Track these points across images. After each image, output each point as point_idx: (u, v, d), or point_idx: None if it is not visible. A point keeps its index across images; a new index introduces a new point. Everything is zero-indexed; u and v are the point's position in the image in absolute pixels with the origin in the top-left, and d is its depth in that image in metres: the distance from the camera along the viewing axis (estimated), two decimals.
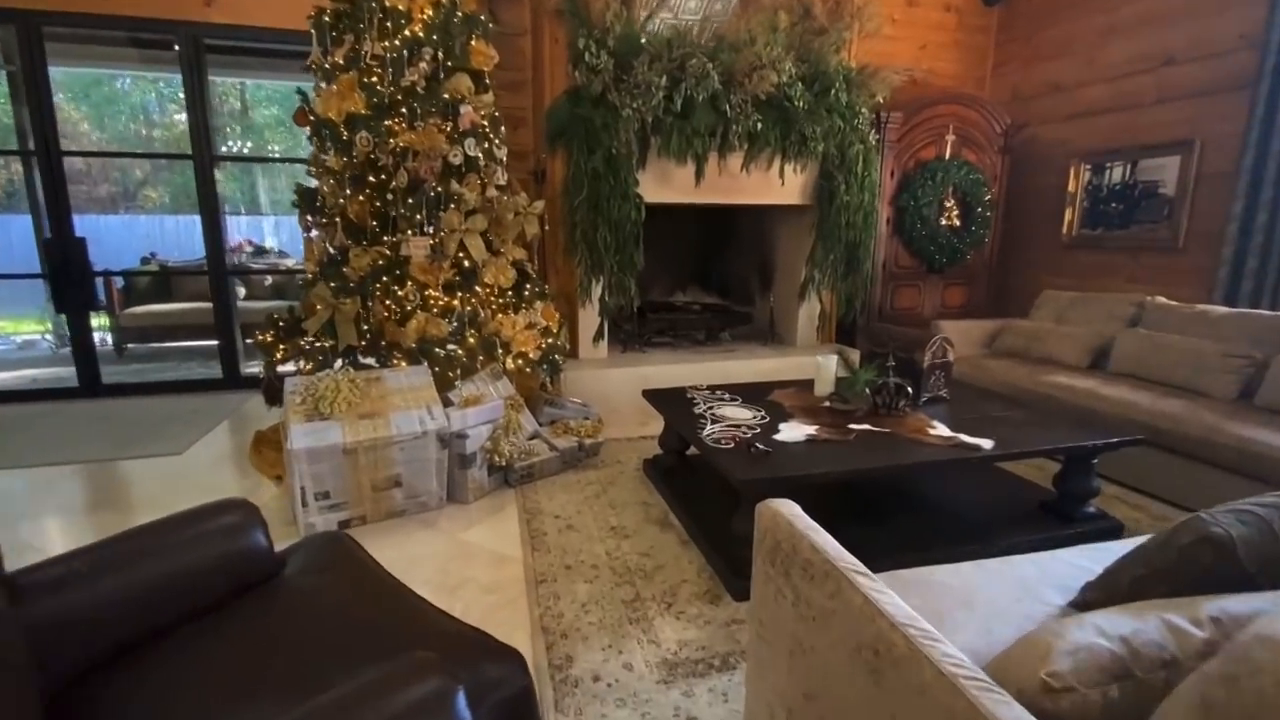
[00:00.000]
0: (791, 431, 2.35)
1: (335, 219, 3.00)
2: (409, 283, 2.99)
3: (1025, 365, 3.60)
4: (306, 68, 3.04)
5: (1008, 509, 2.57)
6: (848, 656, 0.93)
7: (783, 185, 4.04)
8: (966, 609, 1.23)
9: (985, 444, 2.23)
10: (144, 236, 7.25)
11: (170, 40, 3.95)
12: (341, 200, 2.95)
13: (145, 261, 6.39)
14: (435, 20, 2.97)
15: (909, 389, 2.58)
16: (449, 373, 2.95)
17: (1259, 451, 2.41)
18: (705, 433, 2.33)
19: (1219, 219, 3.57)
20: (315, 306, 2.93)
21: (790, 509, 1.20)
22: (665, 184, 3.80)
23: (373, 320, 2.99)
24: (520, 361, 3.25)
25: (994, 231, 4.82)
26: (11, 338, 6.46)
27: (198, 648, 1.14)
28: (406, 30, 2.92)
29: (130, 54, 5.17)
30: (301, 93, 3.05)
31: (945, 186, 4.54)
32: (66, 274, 4.13)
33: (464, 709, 0.87)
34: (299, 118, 3.03)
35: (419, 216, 2.99)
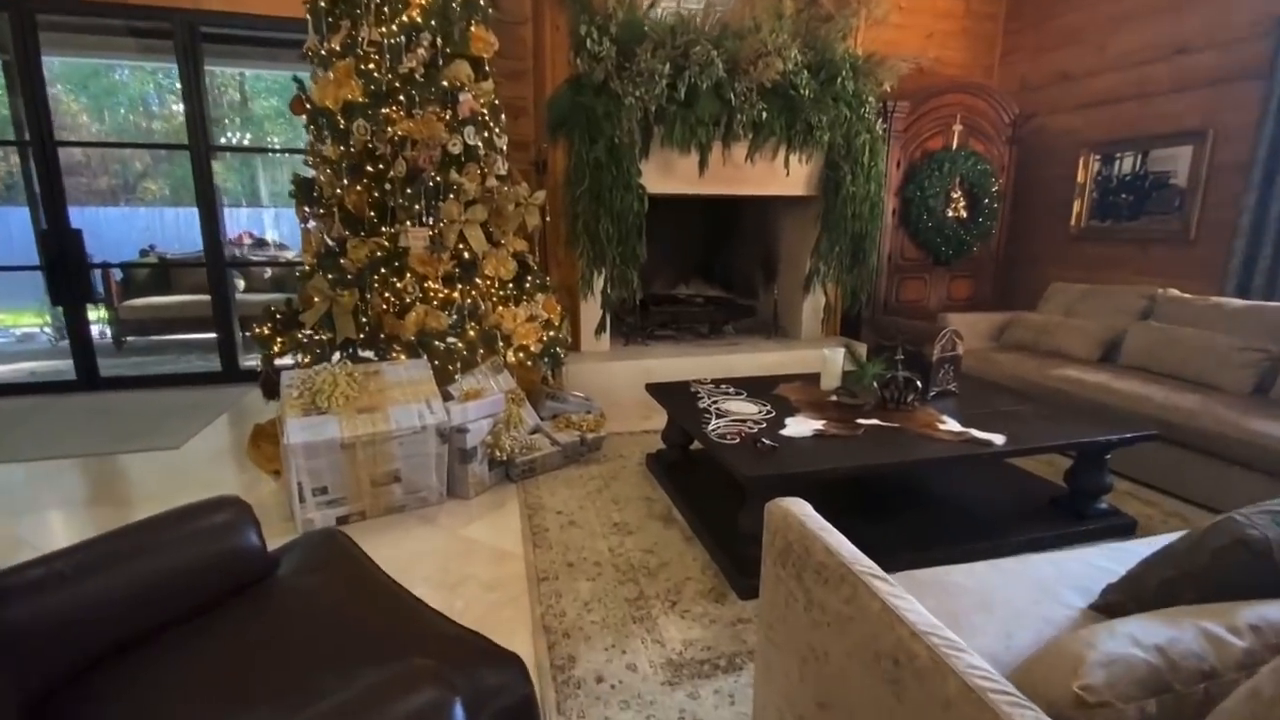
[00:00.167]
0: (798, 426, 2.30)
1: (333, 209, 2.95)
2: (408, 274, 2.94)
3: (1035, 358, 3.55)
4: (303, 54, 2.99)
5: (1018, 505, 2.53)
6: (865, 666, 0.89)
7: (788, 175, 3.99)
8: (984, 612, 1.19)
9: (997, 439, 2.19)
10: (144, 229, 7.19)
11: (166, 28, 3.89)
12: (339, 190, 2.90)
13: (144, 254, 6.35)
14: (434, 5, 2.90)
15: (918, 383, 2.53)
16: (449, 366, 2.90)
17: (1275, 447, 2.36)
18: (710, 427, 2.28)
19: (1231, 210, 3.51)
20: (312, 299, 2.88)
21: (802, 508, 1.16)
22: (668, 174, 3.75)
23: (371, 313, 2.94)
24: (521, 355, 3.20)
25: (1001, 223, 4.76)
26: (10, 330, 6.43)
27: (187, 651, 1.10)
28: (404, 15, 2.86)
29: (128, 43, 5.11)
30: (298, 81, 3.00)
31: (952, 177, 4.48)
32: (63, 266, 4.09)
33: None
34: (295, 106, 2.98)
35: (418, 207, 2.94)
